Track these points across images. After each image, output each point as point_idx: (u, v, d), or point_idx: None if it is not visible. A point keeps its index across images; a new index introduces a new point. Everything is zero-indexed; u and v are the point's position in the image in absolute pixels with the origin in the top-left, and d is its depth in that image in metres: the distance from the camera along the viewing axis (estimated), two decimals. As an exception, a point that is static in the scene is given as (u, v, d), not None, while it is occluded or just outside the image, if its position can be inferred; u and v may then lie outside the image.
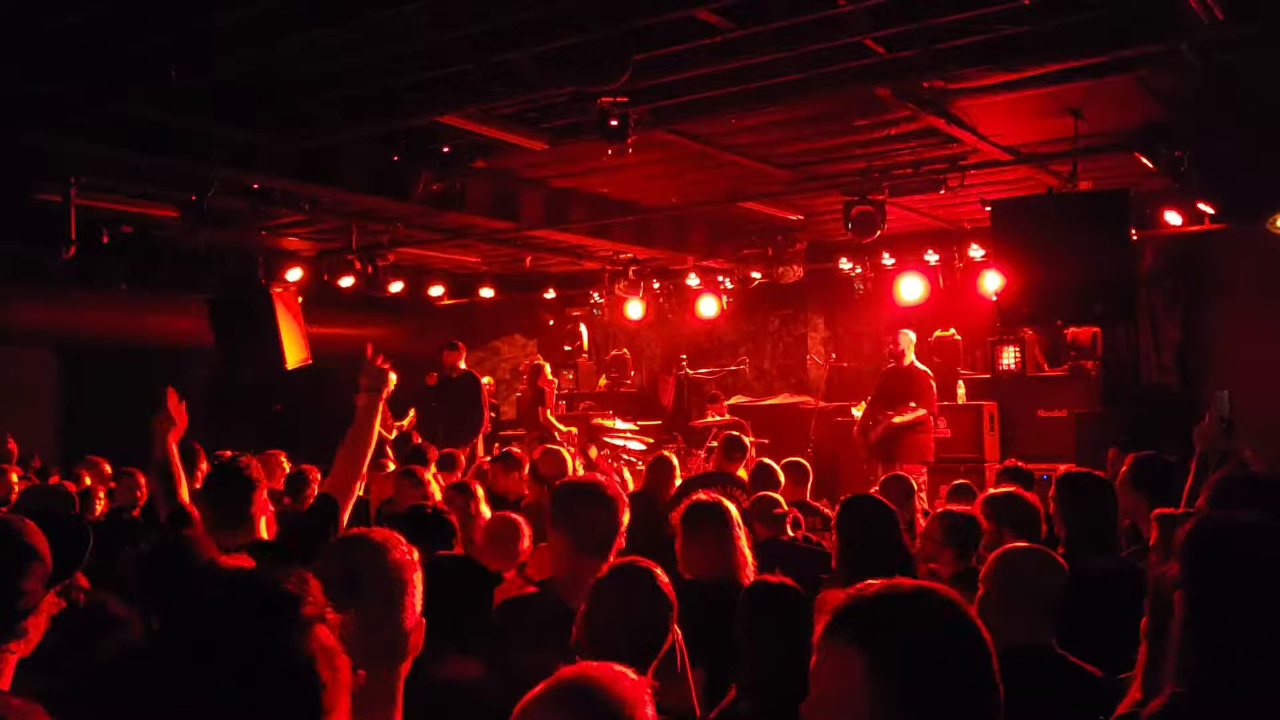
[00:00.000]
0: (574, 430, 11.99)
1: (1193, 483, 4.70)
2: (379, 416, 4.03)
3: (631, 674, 1.89)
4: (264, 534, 4.12)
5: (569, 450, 7.89)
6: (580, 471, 7.31)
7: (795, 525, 6.04)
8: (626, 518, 3.54)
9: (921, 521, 5.76)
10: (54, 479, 8.81)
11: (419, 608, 2.25)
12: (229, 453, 9.50)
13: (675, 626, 2.98)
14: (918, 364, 10.06)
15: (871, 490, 5.67)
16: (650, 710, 1.86)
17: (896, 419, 9.65)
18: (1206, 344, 11.05)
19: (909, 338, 10.17)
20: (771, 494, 6.23)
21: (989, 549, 4.26)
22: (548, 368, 12.80)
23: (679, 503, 5.64)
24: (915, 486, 6.60)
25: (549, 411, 12.21)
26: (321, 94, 7.15)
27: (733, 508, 4.36)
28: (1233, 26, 5.53)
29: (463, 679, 2.85)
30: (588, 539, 3.44)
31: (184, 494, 4.24)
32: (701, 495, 4.50)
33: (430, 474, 6.55)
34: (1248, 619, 2.12)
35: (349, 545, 2.36)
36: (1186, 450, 5.19)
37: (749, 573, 4.19)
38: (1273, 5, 5.41)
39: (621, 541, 3.51)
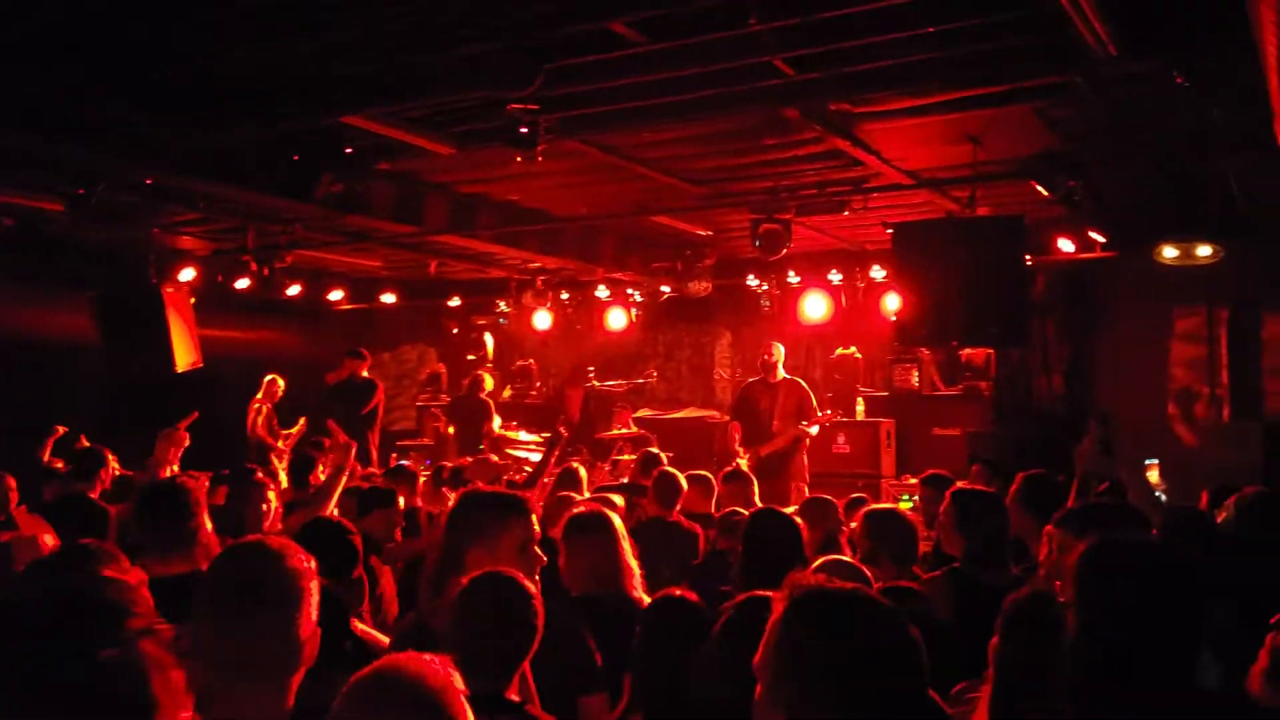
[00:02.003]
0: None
1: (1072, 504, 4.84)
2: (338, 488, 3.97)
3: (439, 664, 1.89)
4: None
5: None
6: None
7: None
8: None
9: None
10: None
11: (315, 617, 2.21)
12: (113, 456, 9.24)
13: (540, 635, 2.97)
14: (790, 376, 10.36)
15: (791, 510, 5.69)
16: (462, 699, 1.86)
17: (813, 429, 9.88)
18: (1094, 368, 11.42)
19: (779, 351, 10.41)
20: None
21: (864, 564, 4.33)
22: (489, 379, 12.61)
23: None
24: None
25: (495, 425, 12.09)
26: (221, 89, 6.95)
27: (616, 518, 4.29)
28: (1127, 62, 5.71)
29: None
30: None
31: None
32: (582, 507, 4.46)
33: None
34: (1135, 639, 2.16)
35: (245, 552, 2.30)
36: (1073, 471, 5.34)
37: (636, 584, 4.17)
38: (1165, 43, 5.61)
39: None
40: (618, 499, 6.02)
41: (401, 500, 6.51)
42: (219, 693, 2.13)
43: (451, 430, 13.12)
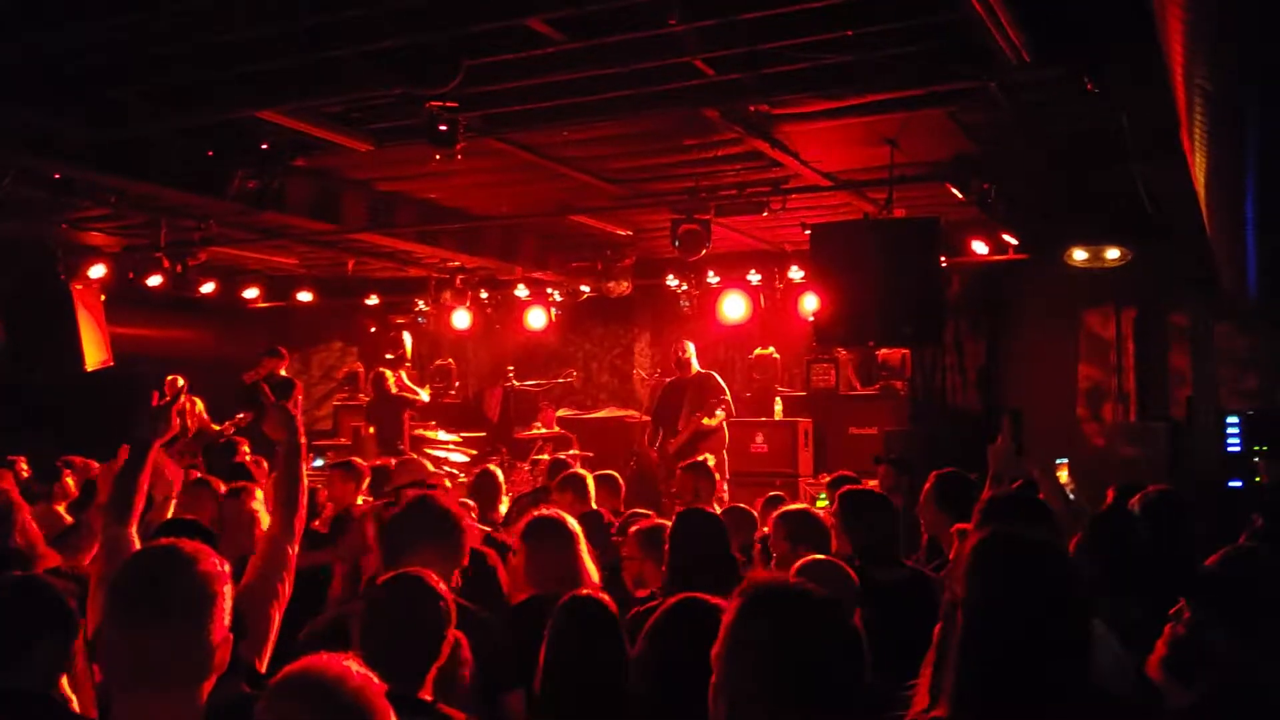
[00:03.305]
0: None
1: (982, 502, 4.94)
2: (302, 469, 3.69)
3: (357, 666, 1.89)
4: None
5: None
6: None
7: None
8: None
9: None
10: None
11: (228, 622, 2.17)
12: (22, 459, 8.97)
13: (452, 635, 2.97)
14: (704, 370, 10.46)
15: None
16: (383, 699, 1.86)
17: (706, 420, 9.94)
18: (1006, 367, 11.67)
19: (692, 347, 10.51)
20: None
21: (781, 565, 4.36)
22: (389, 374, 12.44)
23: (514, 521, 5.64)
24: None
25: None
26: (132, 82, 6.77)
27: (574, 521, 4.36)
28: (1039, 69, 5.85)
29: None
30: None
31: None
32: (544, 510, 4.53)
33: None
34: (1013, 636, 2.15)
35: (154, 556, 2.24)
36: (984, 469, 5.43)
37: (595, 585, 4.17)
38: (1075, 50, 5.75)
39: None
40: None
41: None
42: (127, 700, 2.09)
43: (371, 430, 12.96)
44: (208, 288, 11.78)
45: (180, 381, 11.38)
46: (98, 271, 10.75)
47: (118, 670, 2.11)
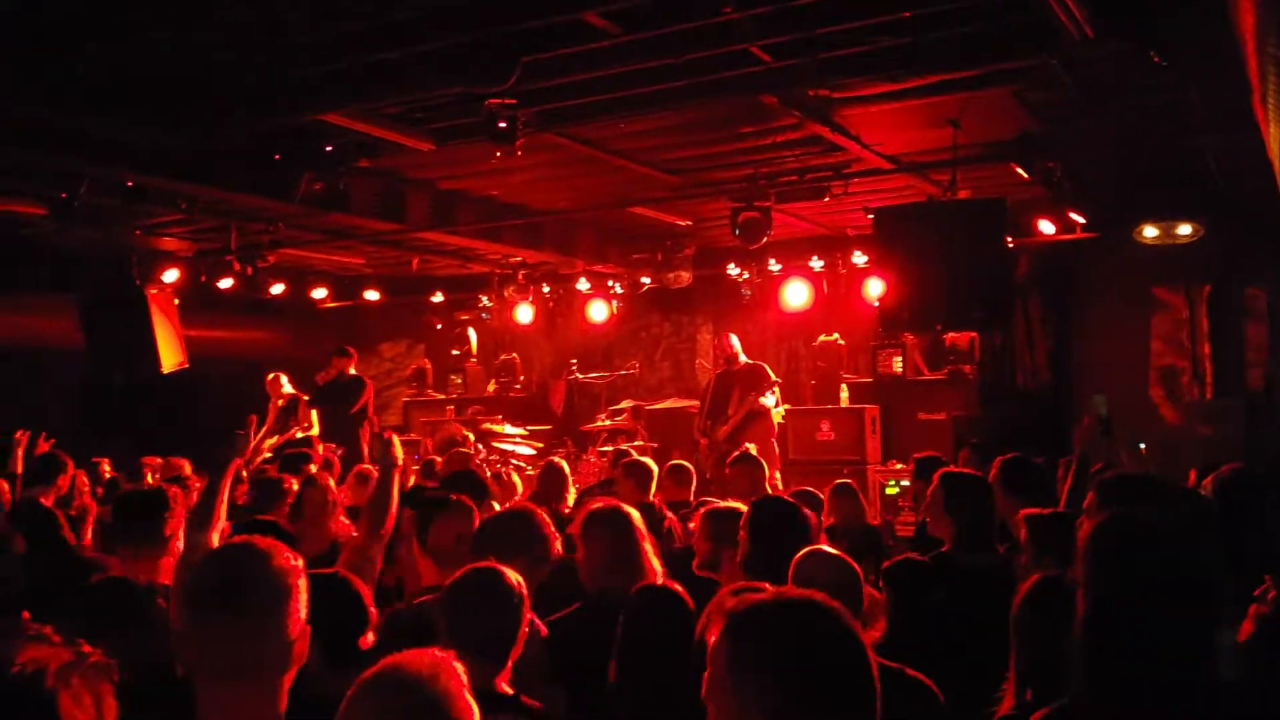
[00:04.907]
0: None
1: (1072, 485, 4.85)
2: (395, 488, 4.06)
3: (454, 663, 1.90)
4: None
5: None
6: None
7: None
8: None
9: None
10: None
11: (304, 615, 2.20)
12: (105, 460, 9.22)
13: (527, 625, 3.02)
14: (751, 361, 10.43)
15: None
16: (466, 697, 1.87)
17: (761, 400, 9.92)
18: (1077, 348, 11.49)
19: (736, 340, 10.60)
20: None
21: (704, 565, 4.31)
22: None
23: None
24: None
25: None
26: (199, 90, 6.92)
27: (635, 514, 4.22)
28: (1102, 44, 5.74)
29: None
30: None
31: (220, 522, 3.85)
32: (600, 502, 4.40)
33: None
34: (1142, 623, 2.09)
35: (230, 553, 2.30)
36: (1061, 452, 5.35)
37: (657, 579, 4.12)
38: (1140, 23, 5.63)
39: None
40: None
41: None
42: (210, 693, 2.14)
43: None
44: (278, 289, 11.99)
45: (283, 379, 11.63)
46: (171, 276, 11.00)
47: (199, 666, 2.15)
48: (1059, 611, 2.27)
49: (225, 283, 10.84)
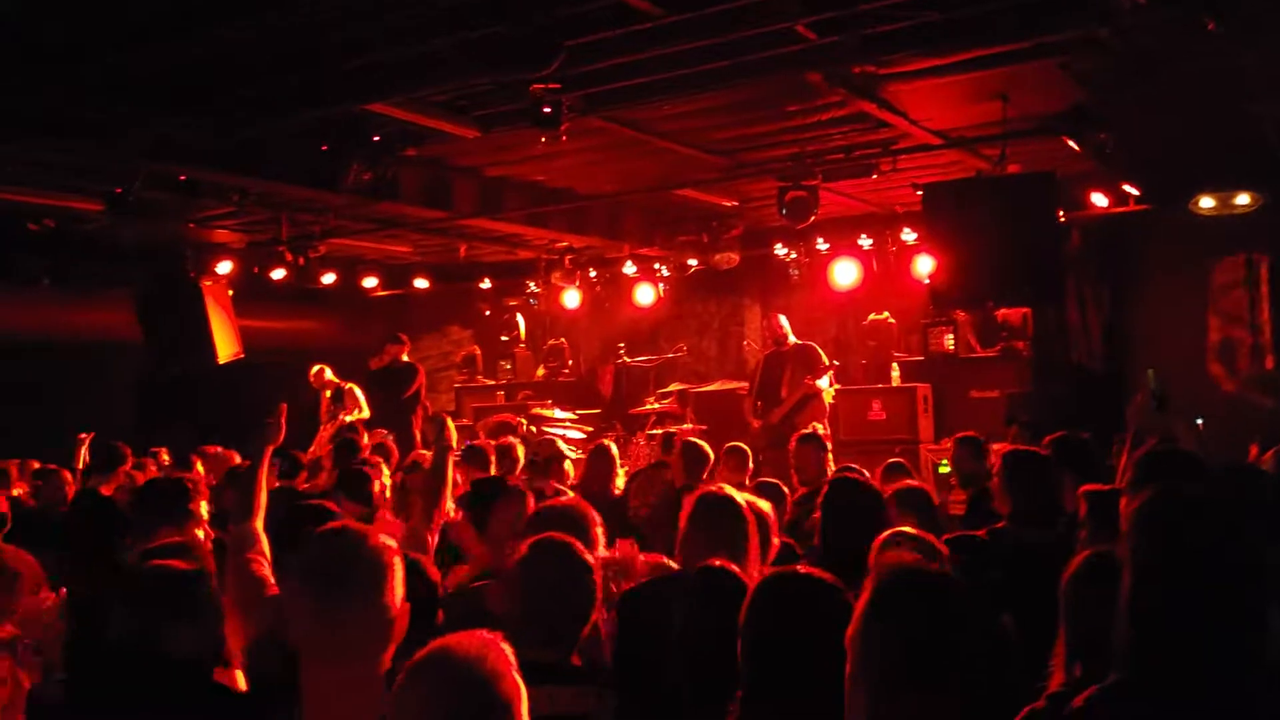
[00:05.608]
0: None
1: (1128, 460, 4.80)
2: (449, 471, 4.21)
3: (502, 644, 1.93)
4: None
5: None
6: None
7: None
8: None
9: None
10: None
11: (401, 593, 2.29)
12: (164, 450, 9.42)
13: (600, 602, 3.04)
14: (801, 341, 10.36)
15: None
16: (514, 679, 1.89)
17: (815, 382, 9.87)
18: (1132, 323, 11.29)
19: (785, 320, 10.59)
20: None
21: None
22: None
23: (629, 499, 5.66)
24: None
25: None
26: (246, 84, 7.01)
27: (742, 499, 4.04)
28: (1154, 11, 5.63)
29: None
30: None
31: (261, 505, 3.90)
32: (713, 488, 4.38)
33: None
34: (1191, 600, 2.05)
35: (330, 537, 2.38)
36: (1117, 428, 5.29)
37: (756, 567, 4.06)
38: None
39: None
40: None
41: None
42: (314, 670, 2.22)
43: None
44: (329, 279, 12.12)
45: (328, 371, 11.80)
46: (225, 267, 11.17)
47: (309, 643, 2.24)
48: (1109, 586, 2.24)
49: (278, 273, 11.00)
